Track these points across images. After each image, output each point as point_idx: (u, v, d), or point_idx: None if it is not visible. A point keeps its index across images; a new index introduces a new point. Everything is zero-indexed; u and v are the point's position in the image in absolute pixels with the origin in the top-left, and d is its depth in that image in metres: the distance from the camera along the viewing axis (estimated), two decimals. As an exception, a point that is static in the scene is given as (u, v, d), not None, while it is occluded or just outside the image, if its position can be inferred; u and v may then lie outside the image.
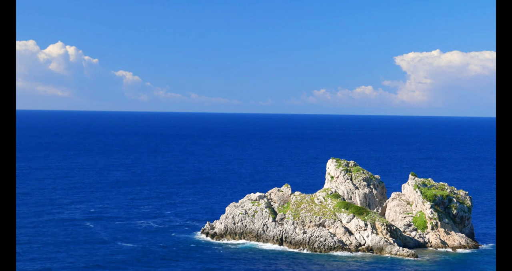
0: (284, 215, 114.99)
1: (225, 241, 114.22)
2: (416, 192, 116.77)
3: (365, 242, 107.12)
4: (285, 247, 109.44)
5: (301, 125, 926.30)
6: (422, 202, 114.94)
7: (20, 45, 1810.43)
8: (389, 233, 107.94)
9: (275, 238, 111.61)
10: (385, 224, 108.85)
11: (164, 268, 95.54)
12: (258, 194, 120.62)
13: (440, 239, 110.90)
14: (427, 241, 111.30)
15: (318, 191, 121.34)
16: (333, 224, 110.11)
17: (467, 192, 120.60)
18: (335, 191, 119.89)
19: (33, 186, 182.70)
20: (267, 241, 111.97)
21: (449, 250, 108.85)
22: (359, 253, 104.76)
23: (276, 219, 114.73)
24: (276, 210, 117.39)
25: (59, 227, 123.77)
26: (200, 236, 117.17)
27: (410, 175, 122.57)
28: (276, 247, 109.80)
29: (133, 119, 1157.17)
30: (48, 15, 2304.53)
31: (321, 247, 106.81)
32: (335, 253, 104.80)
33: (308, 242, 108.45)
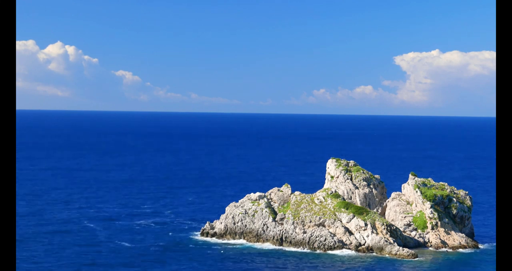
0: (284, 215, 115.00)
1: (225, 241, 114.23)
2: (416, 191, 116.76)
3: (365, 242, 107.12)
4: (285, 247, 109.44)
5: (301, 125, 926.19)
6: (422, 201, 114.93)
7: (19, 45, 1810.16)
8: (389, 233, 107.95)
9: (275, 238, 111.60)
10: (385, 224, 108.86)
11: (164, 268, 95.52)
12: (258, 193, 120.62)
13: (440, 239, 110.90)
14: (427, 241, 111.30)
15: (318, 191, 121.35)
16: (333, 224, 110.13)
17: (467, 192, 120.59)
18: (335, 191, 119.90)
19: (33, 186, 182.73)
20: (267, 241, 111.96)
21: (449, 250, 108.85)
22: (359, 253, 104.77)
23: (276, 219, 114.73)
24: (276, 210, 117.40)
25: (59, 227, 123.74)
26: (200, 236, 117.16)
27: (410, 175, 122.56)
28: (276, 247, 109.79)
29: (133, 119, 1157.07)
30: (48, 15, 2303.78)
31: (321, 247, 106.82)
32: (335, 252, 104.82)
33: (308, 242, 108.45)
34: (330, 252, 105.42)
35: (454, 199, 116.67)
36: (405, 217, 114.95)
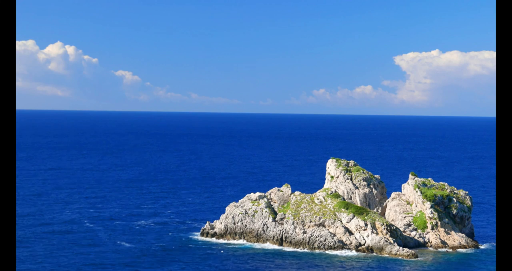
0: (284, 215, 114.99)
1: (225, 241, 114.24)
2: (416, 191, 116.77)
3: (365, 242, 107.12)
4: (285, 247, 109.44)
5: (301, 125, 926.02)
6: (422, 201, 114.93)
7: (19, 45, 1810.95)
8: (389, 233, 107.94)
9: (275, 238, 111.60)
10: (385, 224, 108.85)
11: (163, 268, 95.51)
12: (258, 193, 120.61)
13: (440, 239, 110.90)
14: (427, 241, 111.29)
15: (318, 191, 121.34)
16: (333, 224, 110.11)
17: (467, 192, 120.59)
18: (335, 191, 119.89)
19: (33, 186, 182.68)
20: (267, 241, 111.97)
21: (449, 250, 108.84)
22: (359, 253, 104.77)
23: (276, 219, 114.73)
24: (276, 210, 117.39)
25: (59, 227, 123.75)
26: (200, 236, 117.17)
27: (410, 175, 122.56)
28: (276, 247, 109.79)
29: (133, 119, 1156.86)
30: (48, 15, 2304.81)
31: (321, 247, 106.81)
32: (335, 252, 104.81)
33: (308, 242, 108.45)
34: (330, 252, 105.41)
35: (454, 199, 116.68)
36: (405, 217, 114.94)
